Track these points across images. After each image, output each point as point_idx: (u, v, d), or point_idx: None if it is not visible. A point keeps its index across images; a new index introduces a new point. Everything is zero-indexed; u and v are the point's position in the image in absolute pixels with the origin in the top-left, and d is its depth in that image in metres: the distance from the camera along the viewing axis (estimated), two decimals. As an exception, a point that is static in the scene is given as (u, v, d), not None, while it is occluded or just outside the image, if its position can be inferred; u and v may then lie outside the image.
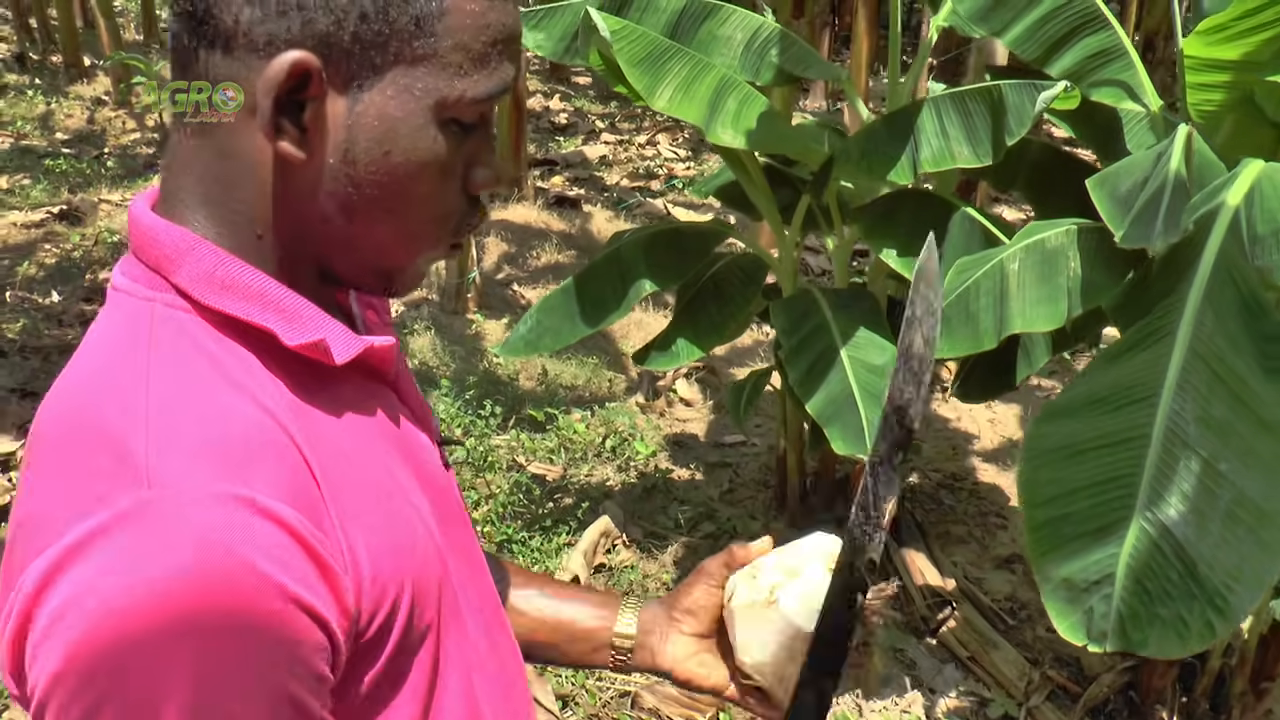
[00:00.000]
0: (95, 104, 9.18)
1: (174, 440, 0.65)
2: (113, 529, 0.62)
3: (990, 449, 4.45)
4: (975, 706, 3.00)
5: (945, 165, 2.54)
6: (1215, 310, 1.78)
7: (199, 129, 0.74)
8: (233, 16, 0.70)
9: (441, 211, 0.79)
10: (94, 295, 5.31)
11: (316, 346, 0.75)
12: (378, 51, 0.72)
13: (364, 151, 0.74)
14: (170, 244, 0.74)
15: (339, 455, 0.74)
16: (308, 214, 0.76)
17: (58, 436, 0.69)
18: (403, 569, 0.75)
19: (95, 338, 0.75)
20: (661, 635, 1.10)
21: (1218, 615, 1.58)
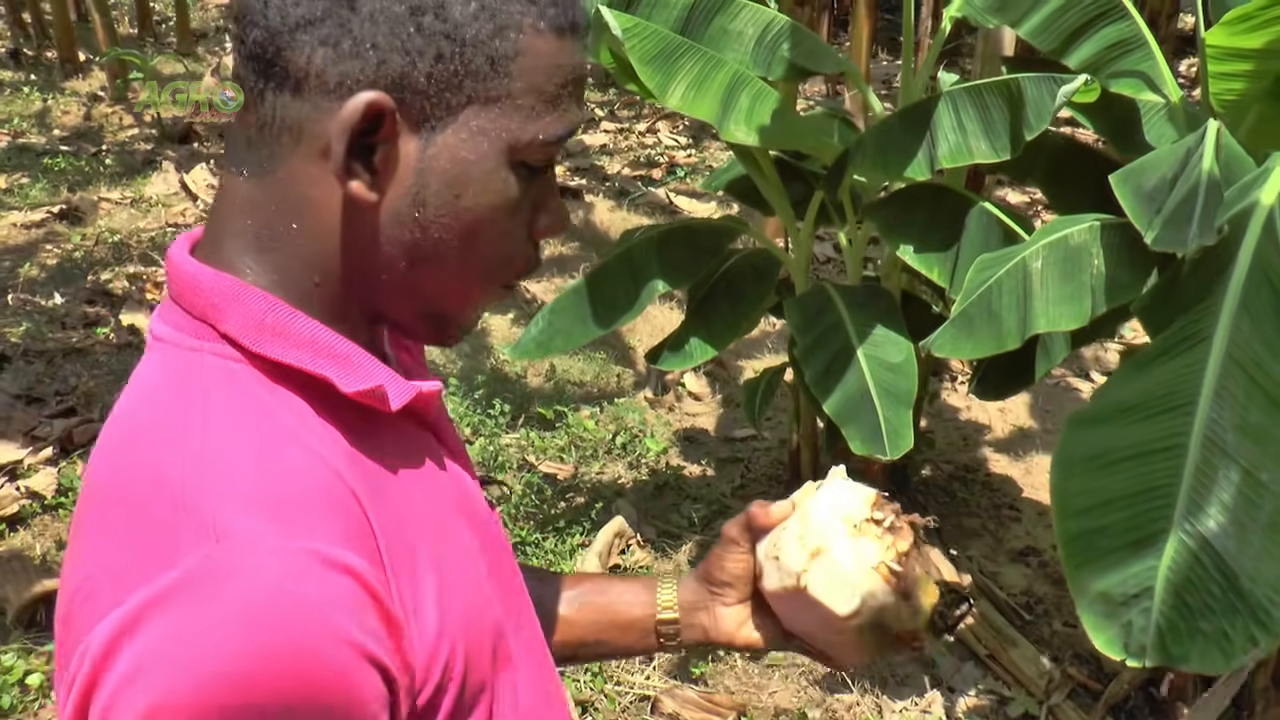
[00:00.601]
0: (91, 100, 9.12)
1: (237, 495, 0.64)
2: (182, 589, 0.60)
3: (1001, 439, 4.42)
4: (995, 705, 2.98)
5: (963, 161, 2.50)
6: (1251, 314, 1.74)
7: (259, 171, 0.72)
8: (304, 57, 0.69)
9: (505, 256, 0.78)
10: (96, 297, 5.27)
11: (373, 394, 0.73)
12: (452, 92, 0.71)
13: (434, 194, 0.72)
14: (217, 291, 0.72)
15: (395, 507, 0.72)
16: (370, 259, 0.74)
17: (113, 493, 0.67)
18: (457, 627, 0.74)
19: (142, 389, 0.73)
20: (709, 612, 1.10)
21: (1261, 629, 1.54)
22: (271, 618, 0.60)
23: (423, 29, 0.68)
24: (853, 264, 3.30)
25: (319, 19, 0.68)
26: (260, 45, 0.69)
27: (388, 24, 0.68)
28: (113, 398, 3.93)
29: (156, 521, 0.63)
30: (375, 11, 0.68)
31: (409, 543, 0.72)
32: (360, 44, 0.68)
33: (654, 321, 5.15)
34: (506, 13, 0.71)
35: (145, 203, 6.59)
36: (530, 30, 0.72)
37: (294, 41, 0.68)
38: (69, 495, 3.67)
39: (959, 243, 2.74)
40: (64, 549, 3.40)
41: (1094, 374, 4.89)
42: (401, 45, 0.68)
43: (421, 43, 0.69)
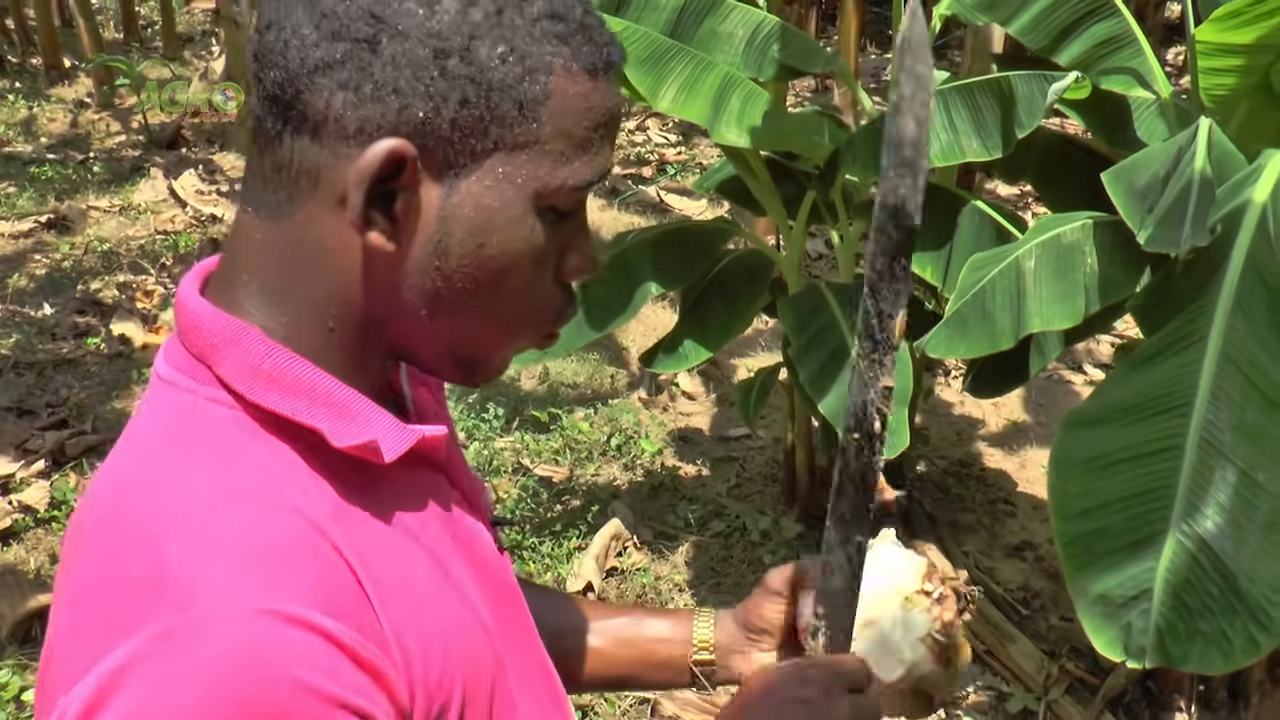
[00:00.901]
0: (78, 106, 9.07)
1: (206, 550, 0.63)
2: (149, 656, 0.60)
3: (995, 433, 4.42)
4: (994, 701, 2.98)
5: (955, 159, 2.51)
6: (1246, 313, 1.75)
7: (275, 214, 0.70)
8: (324, 101, 0.66)
9: (532, 302, 0.75)
10: (86, 306, 5.24)
11: (366, 448, 0.71)
12: (478, 139, 0.68)
13: (458, 243, 0.70)
14: (217, 332, 0.70)
15: (386, 558, 0.71)
16: (389, 307, 0.72)
17: (96, 536, 0.67)
18: (454, 672, 0.73)
19: (139, 429, 0.73)
20: (744, 656, 1.09)
21: (1261, 630, 1.55)
22: (240, 685, 0.60)
23: (447, 73, 0.66)
24: (845, 262, 3.30)
25: (339, 62, 0.66)
26: (279, 86, 0.67)
27: (411, 68, 0.66)
28: (105, 409, 3.92)
29: (131, 579, 0.63)
30: (398, 55, 0.66)
31: (402, 590, 0.71)
32: (381, 88, 0.66)
33: (647, 322, 5.14)
34: (536, 55, 0.68)
35: (134, 210, 6.56)
36: (561, 72, 0.69)
37: (313, 85, 0.66)
38: (62, 509, 3.66)
39: (951, 241, 2.74)
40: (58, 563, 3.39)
41: (1087, 367, 4.90)
42: (425, 90, 0.66)
43: (445, 87, 0.66)
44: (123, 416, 4.28)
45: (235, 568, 0.63)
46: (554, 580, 3.38)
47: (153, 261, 5.77)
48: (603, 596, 3.34)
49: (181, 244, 5.99)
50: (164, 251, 5.91)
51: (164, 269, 5.71)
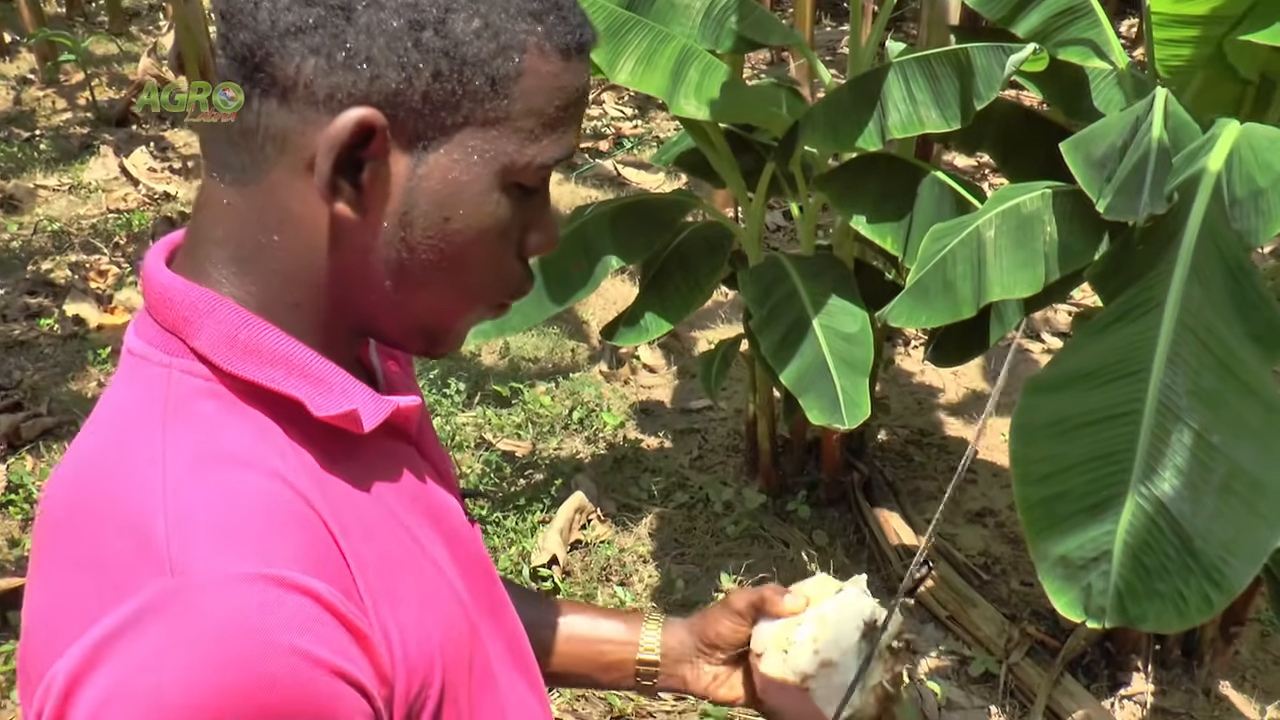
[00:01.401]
0: (21, 83, 8.89)
1: (194, 521, 0.62)
2: (140, 622, 0.59)
3: (955, 402, 4.47)
4: (957, 665, 3.03)
5: (914, 131, 2.51)
6: (1201, 280, 1.78)
7: (241, 179, 0.69)
8: (294, 66, 0.66)
9: (495, 276, 0.75)
10: (38, 287, 5.16)
11: (347, 417, 0.71)
12: (448, 112, 0.68)
13: (423, 215, 0.70)
14: (189, 304, 0.69)
15: (365, 529, 0.71)
16: (354, 277, 0.72)
17: (71, 518, 0.65)
18: (433, 646, 0.73)
19: (109, 406, 0.71)
20: (693, 666, 1.13)
21: (1214, 588, 1.58)
22: (233, 650, 0.59)
23: (421, 45, 0.66)
24: (805, 234, 3.31)
25: (311, 27, 0.65)
26: (247, 48, 0.66)
27: (385, 38, 0.65)
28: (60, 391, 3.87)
29: (115, 554, 0.62)
30: (372, 24, 0.65)
31: (381, 562, 0.71)
32: (354, 56, 0.65)
33: (607, 295, 5.14)
34: (511, 32, 0.68)
35: (84, 189, 6.45)
36: (535, 51, 0.69)
37: (283, 48, 0.65)
38: (19, 492, 3.61)
39: (911, 212, 2.76)
40: (14, 547, 3.36)
41: (1045, 335, 4.96)
42: (398, 61, 0.66)
43: (419, 59, 0.66)
44: (79, 398, 4.23)
45: (223, 534, 0.62)
46: (518, 554, 3.39)
47: (106, 241, 5.68)
48: (568, 569, 3.36)
49: (135, 222, 5.90)
50: (117, 230, 5.82)
51: (117, 248, 5.63)
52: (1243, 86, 2.33)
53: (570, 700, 2.85)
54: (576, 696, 2.86)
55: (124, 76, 8.81)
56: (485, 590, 0.87)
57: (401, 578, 0.72)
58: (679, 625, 1.14)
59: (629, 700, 2.83)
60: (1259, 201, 1.83)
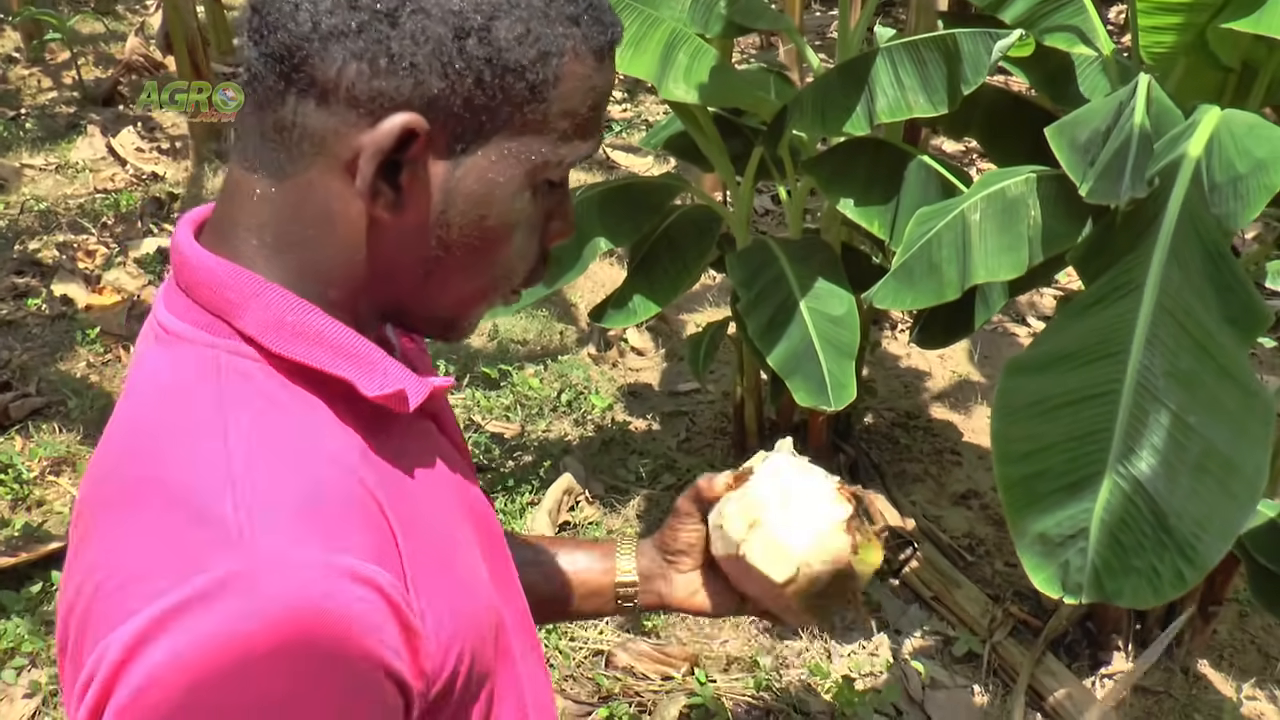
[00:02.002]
0: (5, 62, 8.83)
1: (265, 503, 0.63)
2: (207, 599, 0.59)
3: (942, 385, 4.51)
4: (940, 645, 3.07)
5: (901, 116, 2.54)
6: (1180, 263, 1.81)
7: (276, 174, 0.70)
8: (335, 69, 0.66)
9: (518, 265, 0.78)
10: (25, 267, 5.15)
11: (395, 397, 0.72)
12: (488, 116, 0.69)
13: (459, 214, 0.71)
14: (234, 286, 0.70)
15: (410, 510, 0.72)
16: (388, 271, 0.73)
17: (129, 492, 0.65)
18: (466, 629, 0.74)
19: (154, 388, 0.71)
20: (665, 579, 1.14)
21: (1188, 564, 1.62)
22: (301, 634, 0.60)
23: (465, 53, 0.67)
24: (793, 217, 3.34)
25: (355, 32, 0.65)
26: (285, 48, 0.66)
27: (430, 44, 0.66)
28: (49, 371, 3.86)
29: (180, 532, 0.62)
30: (416, 31, 0.65)
31: (424, 545, 0.72)
32: (398, 62, 0.66)
33: (595, 278, 5.16)
34: (550, 37, 0.69)
35: (71, 168, 6.43)
36: (571, 55, 0.70)
37: (324, 51, 0.66)
38: (8, 472, 3.62)
39: (898, 196, 2.78)
40: (4, 527, 3.37)
41: (1030, 319, 4.99)
42: (441, 67, 0.66)
43: (463, 66, 0.67)
44: (67, 378, 4.23)
45: (296, 519, 0.63)
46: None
47: (93, 221, 5.67)
48: (556, 550, 3.38)
49: (123, 203, 5.88)
50: (105, 211, 5.81)
51: (105, 228, 5.62)
52: (1225, 74, 2.35)
53: (558, 681, 2.88)
54: (565, 677, 2.89)
55: (111, 56, 8.76)
56: (504, 567, 0.89)
57: (440, 561, 0.74)
58: (647, 544, 1.16)
59: (616, 680, 2.86)
60: (1238, 186, 1.86)
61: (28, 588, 3.07)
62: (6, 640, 2.86)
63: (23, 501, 3.55)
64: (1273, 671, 2.96)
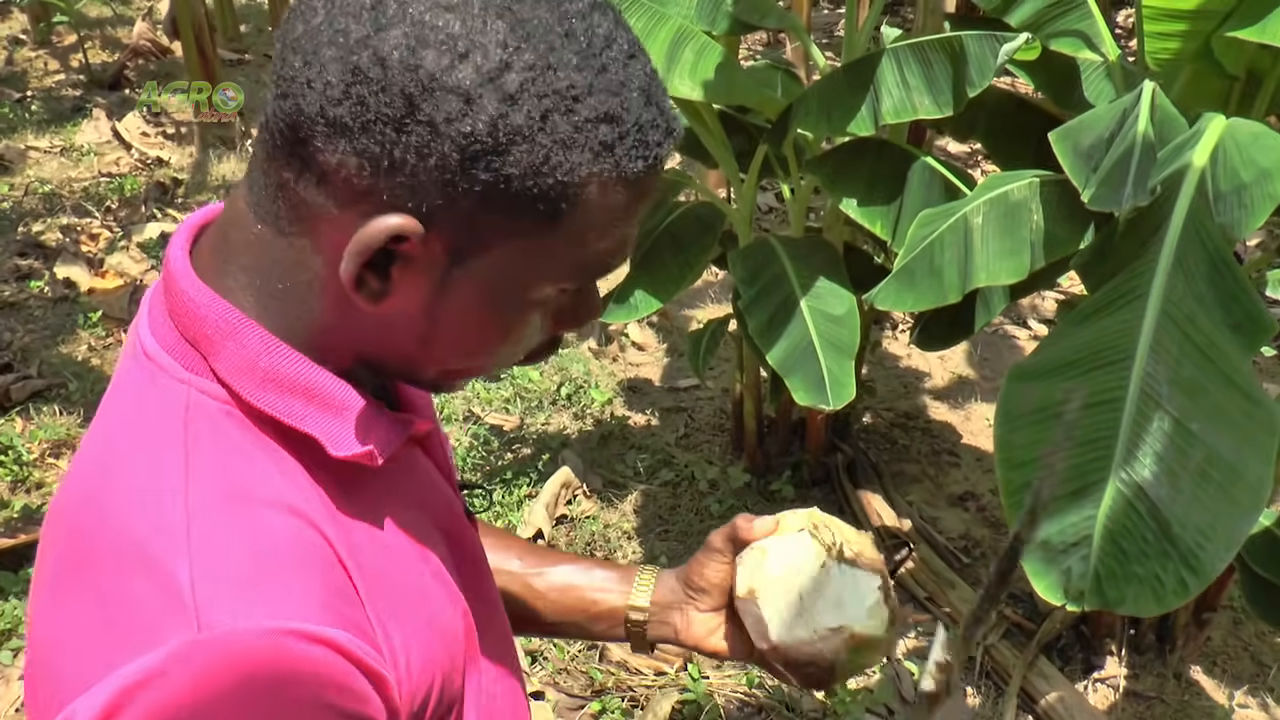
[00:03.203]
0: (13, 44, 8.81)
1: (218, 569, 0.62)
2: (167, 673, 0.59)
3: (941, 386, 4.51)
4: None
5: (906, 117, 2.54)
6: (1185, 271, 1.81)
7: (274, 226, 0.67)
8: (336, 159, 0.63)
9: (520, 351, 0.75)
10: (28, 249, 5.15)
11: (364, 457, 0.71)
12: (491, 234, 0.65)
13: (450, 314, 0.68)
14: (212, 321, 0.68)
15: (379, 557, 0.72)
16: (377, 341, 0.71)
17: (88, 542, 0.65)
18: (438, 660, 0.74)
19: (123, 414, 0.70)
20: (682, 614, 1.09)
21: (1190, 573, 1.62)
22: (257, 702, 0.60)
23: (470, 175, 0.62)
24: (796, 216, 3.34)
25: (359, 130, 0.61)
26: (293, 121, 0.63)
27: (434, 160, 0.61)
28: (50, 353, 3.86)
29: (137, 595, 0.61)
30: (423, 147, 0.61)
31: (394, 589, 0.71)
32: (399, 169, 0.62)
33: (597, 272, 5.15)
34: (570, 167, 0.63)
35: (76, 151, 6.42)
36: (595, 186, 0.64)
37: (328, 139, 0.62)
38: (8, 454, 3.62)
39: (901, 197, 2.79)
40: (3, 508, 3.37)
41: (1031, 322, 5.00)
42: (444, 185, 0.62)
43: (466, 188, 0.62)
44: (69, 361, 4.24)
45: (247, 587, 0.62)
46: (504, 528, 3.41)
47: (97, 204, 5.66)
48: (552, 543, 3.39)
49: (127, 187, 5.88)
50: (109, 194, 5.80)
51: (109, 212, 5.62)
52: (1230, 82, 2.35)
53: (552, 674, 2.89)
54: (558, 670, 2.90)
55: (118, 40, 8.75)
56: (482, 592, 0.88)
57: (409, 601, 0.73)
58: (669, 574, 1.11)
59: (610, 674, 2.87)
60: (1242, 195, 1.87)
61: (26, 569, 3.08)
62: (4, 621, 2.86)
63: (22, 483, 3.55)
64: (1266, 679, 2.97)
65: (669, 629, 1.10)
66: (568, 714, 2.79)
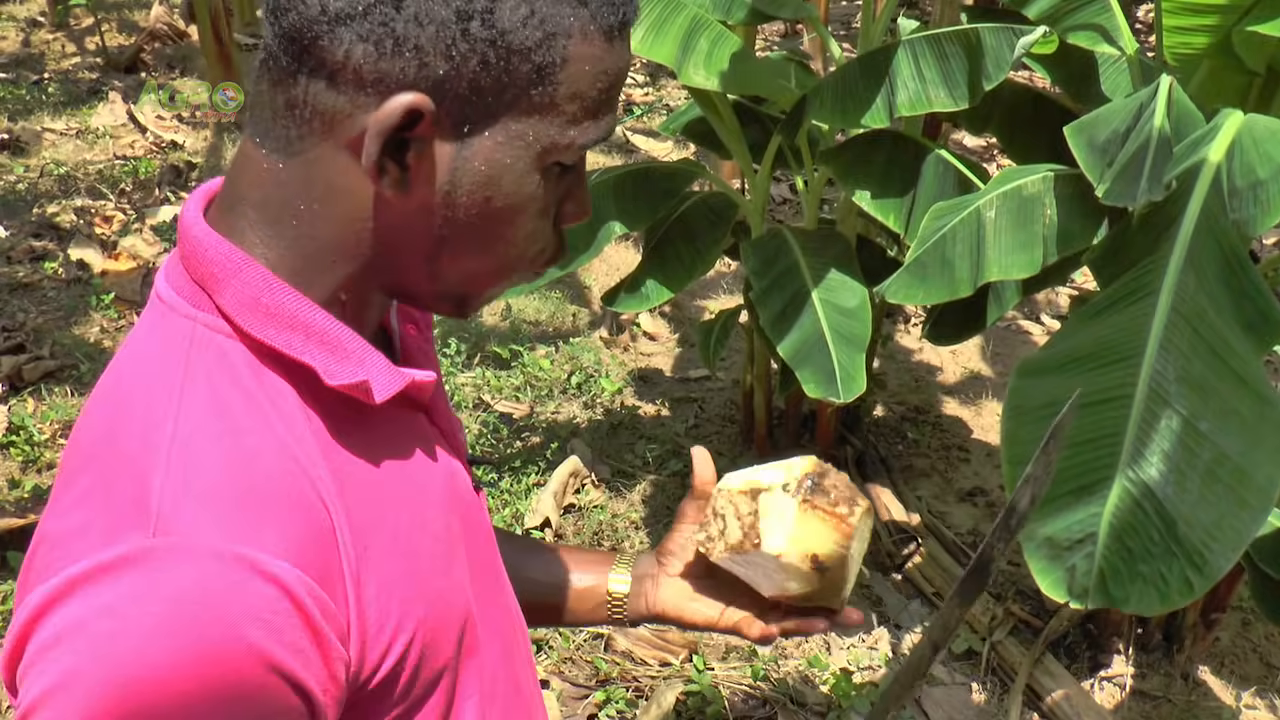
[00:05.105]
0: (31, 26, 8.84)
1: (189, 485, 0.64)
2: (113, 570, 0.62)
3: (952, 381, 4.49)
4: (941, 641, 3.06)
5: (921, 110, 2.53)
6: (1197, 269, 1.79)
7: (285, 150, 0.71)
8: (342, 51, 0.67)
9: (532, 247, 0.77)
10: (43, 230, 5.16)
11: (358, 387, 0.72)
12: (494, 98, 0.69)
13: (466, 194, 0.71)
14: (218, 261, 0.71)
15: (369, 498, 0.73)
16: (393, 247, 0.73)
17: (86, 453, 0.69)
18: (416, 615, 0.74)
19: (134, 349, 0.74)
20: (654, 581, 1.11)
21: (1196, 573, 1.61)
22: (188, 619, 0.61)
23: (469, 35, 0.67)
24: (809, 207, 3.32)
25: (360, 14, 0.66)
26: (296, 29, 0.67)
27: (433, 27, 0.66)
28: (63, 334, 3.88)
29: (112, 495, 0.65)
30: (420, 13, 0.66)
31: (381, 538, 0.72)
32: (402, 44, 0.66)
33: (609, 261, 5.15)
34: (556, 18, 0.69)
35: (91, 134, 6.44)
36: (579, 36, 0.70)
37: (332, 33, 0.66)
38: (20, 434, 3.64)
39: (915, 189, 2.77)
40: (14, 488, 3.39)
41: (1045, 317, 4.97)
42: (445, 50, 0.67)
43: (466, 49, 0.67)
44: (81, 342, 4.25)
45: (212, 507, 0.64)
46: (512, 515, 3.42)
47: (111, 187, 5.68)
48: (560, 533, 3.39)
49: (141, 170, 5.89)
50: (123, 177, 5.81)
51: (123, 195, 5.63)
52: (1249, 77, 2.33)
53: (557, 663, 2.89)
54: (563, 660, 2.90)
55: (135, 23, 8.77)
56: (487, 561, 0.89)
57: (395, 549, 0.74)
58: (650, 552, 1.14)
59: (615, 664, 2.87)
60: (1258, 192, 1.85)
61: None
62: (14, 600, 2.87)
63: (34, 463, 3.57)
64: (1273, 680, 2.95)
65: (642, 599, 1.11)
66: (572, 703, 2.79)
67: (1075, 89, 2.74)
